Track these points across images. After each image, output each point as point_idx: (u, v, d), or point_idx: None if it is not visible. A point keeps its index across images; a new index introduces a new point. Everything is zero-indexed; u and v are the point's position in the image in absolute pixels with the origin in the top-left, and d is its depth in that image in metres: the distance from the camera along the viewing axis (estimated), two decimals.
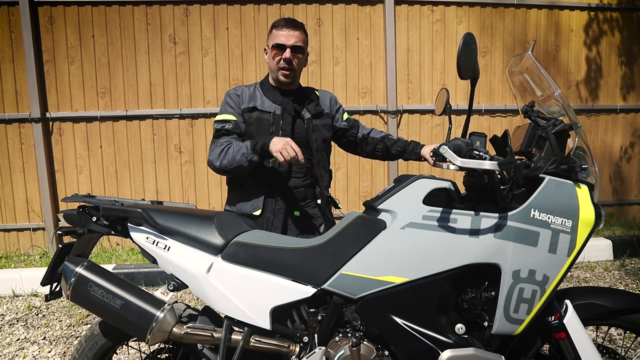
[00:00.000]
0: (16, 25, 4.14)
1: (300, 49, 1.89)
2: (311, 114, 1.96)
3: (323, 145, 1.98)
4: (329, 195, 2.02)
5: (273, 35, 1.90)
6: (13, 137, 4.25)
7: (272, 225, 1.87)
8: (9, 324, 3.07)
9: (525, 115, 1.53)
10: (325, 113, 2.02)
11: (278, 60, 1.88)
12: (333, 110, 2.07)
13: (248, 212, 1.88)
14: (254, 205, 1.88)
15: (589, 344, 1.40)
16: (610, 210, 4.95)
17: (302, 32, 1.91)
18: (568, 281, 3.61)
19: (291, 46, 1.86)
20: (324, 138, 1.98)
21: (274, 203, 1.88)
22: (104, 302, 1.39)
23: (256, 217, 1.88)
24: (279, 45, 1.87)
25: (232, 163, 1.78)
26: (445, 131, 4.65)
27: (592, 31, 4.78)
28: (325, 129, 2.00)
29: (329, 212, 2.02)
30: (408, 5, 4.51)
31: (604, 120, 4.87)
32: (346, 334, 1.44)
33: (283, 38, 1.86)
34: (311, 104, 1.99)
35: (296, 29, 1.89)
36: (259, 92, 1.96)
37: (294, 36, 1.87)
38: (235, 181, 1.95)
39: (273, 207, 1.88)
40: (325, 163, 2.00)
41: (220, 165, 1.81)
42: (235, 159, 1.78)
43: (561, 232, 1.33)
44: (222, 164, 1.80)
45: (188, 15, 4.30)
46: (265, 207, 1.88)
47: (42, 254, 4.32)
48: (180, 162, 4.42)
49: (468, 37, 1.26)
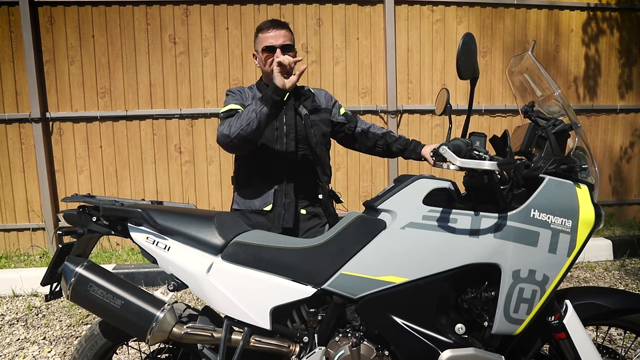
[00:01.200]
0: (16, 25, 4.14)
1: (290, 47, 1.90)
2: (308, 109, 1.97)
3: (323, 140, 1.99)
4: (330, 190, 2.04)
5: (260, 39, 1.91)
6: (13, 137, 4.25)
7: (283, 220, 1.88)
8: (9, 324, 3.07)
9: (525, 115, 1.53)
10: (322, 108, 2.03)
11: (270, 62, 1.88)
12: (329, 105, 2.07)
13: (258, 208, 1.89)
14: (264, 201, 1.89)
15: (589, 344, 1.40)
16: (610, 210, 4.95)
17: (288, 30, 1.92)
18: (568, 281, 3.61)
19: (280, 46, 1.87)
20: (322, 132, 1.99)
21: (283, 197, 1.89)
22: (104, 302, 1.39)
23: (267, 213, 1.89)
24: (268, 47, 1.88)
25: (242, 124, 1.70)
26: (445, 131, 4.65)
27: (592, 31, 4.78)
28: (324, 123, 2.01)
29: (331, 207, 2.04)
30: (408, 5, 4.51)
31: (603, 120, 4.87)
32: (346, 334, 1.44)
33: (271, 39, 1.87)
34: (307, 101, 2.00)
35: (282, 28, 1.90)
36: (258, 93, 1.98)
37: (281, 36, 1.88)
38: (243, 177, 1.95)
39: (283, 202, 1.89)
40: (326, 158, 2.02)
41: (230, 132, 1.71)
42: (245, 119, 1.70)
43: (561, 232, 1.33)
44: (231, 130, 1.71)
45: (188, 15, 4.30)
46: (276, 202, 1.89)
47: (42, 254, 4.32)
48: (180, 162, 4.42)
49: (468, 37, 1.26)
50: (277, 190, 1.89)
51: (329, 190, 2.02)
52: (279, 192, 1.89)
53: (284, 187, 1.90)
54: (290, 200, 1.89)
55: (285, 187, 1.90)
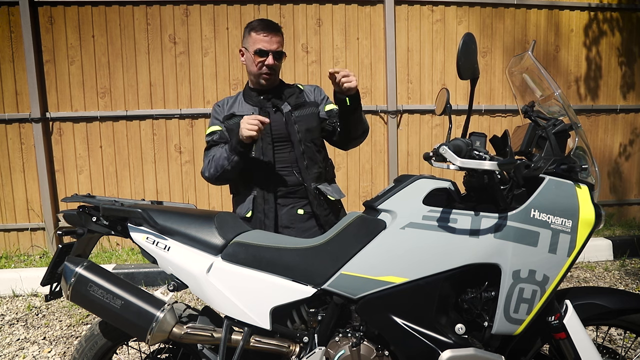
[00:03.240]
0: (16, 25, 4.14)
1: (281, 54, 1.91)
2: (291, 105, 1.94)
3: (308, 136, 1.93)
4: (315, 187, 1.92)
5: (253, 39, 1.88)
6: (13, 137, 4.25)
7: (264, 225, 1.87)
8: (9, 324, 3.07)
9: (525, 115, 1.53)
10: (308, 102, 1.99)
11: (260, 66, 1.89)
12: (318, 99, 2.03)
13: (243, 215, 1.90)
14: (245, 208, 1.90)
15: (589, 344, 1.40)
16: (610, 210, 4.95)
17: (281, 35, 1.92)
18: (568, 281, 3.61)
19: (274, 52, 1.87)
20: (307, 127, 1.94)
21: (263, 203, 1.88)
22: (104, 302, 1.39)
23: (249, 219, 1.89)
24: (261, 51, 1.87)
25: (217, 169, 1.85)
26: (445, 131, 4.65)
27: (592, 31, 4.78)
28: (310, 118, 1.96)
29: (318, 207, 1.92)
30: (408, 5, 4.51)
31: (603, 120, 4.87)
32: (346, 334, 1.44)
33: (265, 44, 1.86)
34: (292, 97, 1.97)
35: (276, 33, 1.89)
36: (240, 99, 1.99)
37: (275, 42, 1.88)
38: (232, 185, 2.01)
39: (263, 207, 1.88)
40: (312, 154, 1.94)
41: (208, 175, 1.89)
42: (219, 164, 1.84)
43: (561, 232, 1.33)
44: (209, 173, 1.88)
45: (188, 15, 4.30)
46: (255, 208, 1.89)
47: (42, 254, 4.32)
48: (180, 162, 4.42)
49: (468, 37, 1.26)
50: (256, 197, 1.89)
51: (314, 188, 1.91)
52: (258, 198, 1.89)
53: (263, 193, 1.89)
54: (270, 205, 1.88)
55: (264, 193, 1.88)
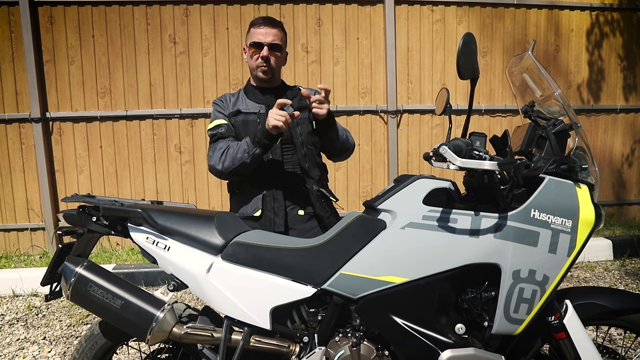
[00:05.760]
0: (16, 25, 4.14)
1: (278, 46, 1.90)
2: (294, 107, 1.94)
3: (310, 139, 1.95)
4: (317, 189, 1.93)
5: (251, 33, 1.92)
6: (13, 137, 4.25)
7: (274, 224, 1.87)
8: (9, 324, 3.07)
9: (525, 115, 1.53)
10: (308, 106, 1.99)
11: (256, 59, 1.90)
12: None
13: (249, 214, 1.88)
14: (253, 207, 1.89)
15: (589, 344, 1.40)
16: (610, 210, 4.95)
17: (280, 30, 1.92)
18: (568, 281, 3.61)
19: (268, 44, 1.88)
20: (309, 131, 1.95)
21: (272, 201, 1.88)
22: (104, 302, 1.39)
23: (257, 218, 1.88)
24: (256, 43, 1.88)
25: (234, 162, 1.79)
26: (445, 131, 4.65)
27: (592, 31, 4.78)
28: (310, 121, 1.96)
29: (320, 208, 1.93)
30: (408, 5, 4.51)
31: (604, 120, 4.87)
32: (346, 334, 1.44)
33: (261, 36, 1.88)
34: (294, 99, 1.96)
35: (274, 27, 1.90)
36: (243, 96, 1.99)
37: (271, 34, 1.88)
38: (234, 187, 1.98)
39: (273, 206, 1.88)
40: (314, 157, 1.96)
41: (222, 168, 1.82)
42: (237, 157, 1.78)
43: (561, 232, 1.33)
44: (224, 166, 1.81)
45: (188, 15, 4.30)
46: (265, 207, 1.88)
47: (42, 254, 4.32)
48: (180, 162, 4.42)
49: (468, 37, 1.26)
50: (266, 195, 1.88)
51: (316, 190, 1.92)
52: (267, 197, 1.88)
53: (272, 192, 1.88)
54: (279, 204, 1.88)
55: (274, 192, 1.88)
